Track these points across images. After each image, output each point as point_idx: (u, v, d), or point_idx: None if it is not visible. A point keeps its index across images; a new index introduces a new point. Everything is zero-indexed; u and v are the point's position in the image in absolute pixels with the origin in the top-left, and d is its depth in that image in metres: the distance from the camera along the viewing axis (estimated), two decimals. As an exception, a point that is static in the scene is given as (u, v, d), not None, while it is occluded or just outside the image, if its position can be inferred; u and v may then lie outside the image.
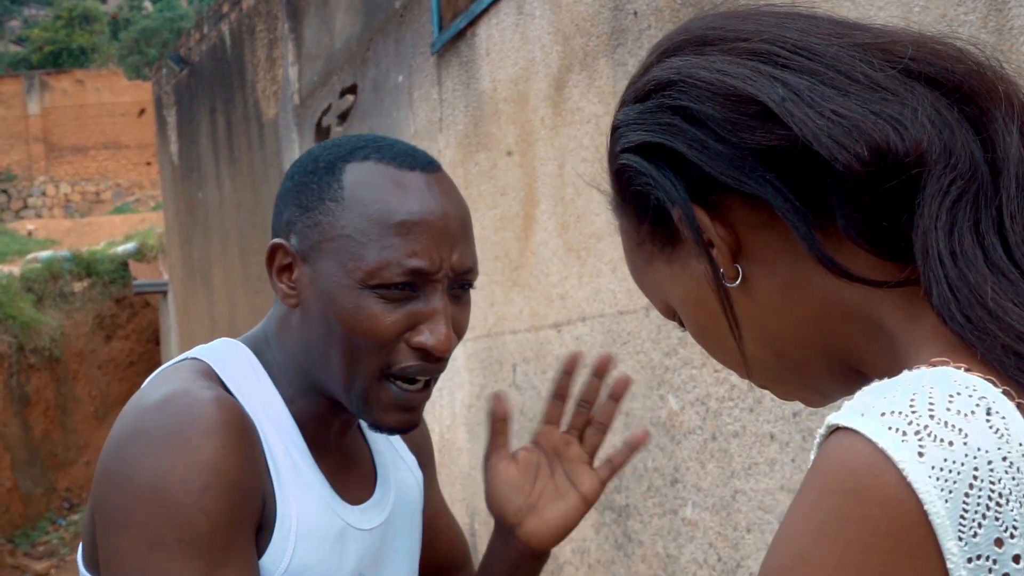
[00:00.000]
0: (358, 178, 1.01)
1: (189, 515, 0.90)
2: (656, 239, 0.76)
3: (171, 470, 0.91)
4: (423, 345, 1.00)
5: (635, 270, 0.81)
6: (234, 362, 1.05)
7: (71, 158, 22.66)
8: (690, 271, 0.75)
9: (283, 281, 1.05)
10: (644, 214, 0.76)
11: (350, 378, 1.02)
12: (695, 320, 0.77)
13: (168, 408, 0.95)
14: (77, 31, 28.39)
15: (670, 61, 0.74)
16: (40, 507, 11.16)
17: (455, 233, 1.02)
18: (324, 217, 1.01)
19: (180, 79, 8.57)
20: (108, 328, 13.73)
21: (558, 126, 3.00)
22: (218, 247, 7.67)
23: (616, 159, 0.77)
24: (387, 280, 0.98)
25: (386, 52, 4.38)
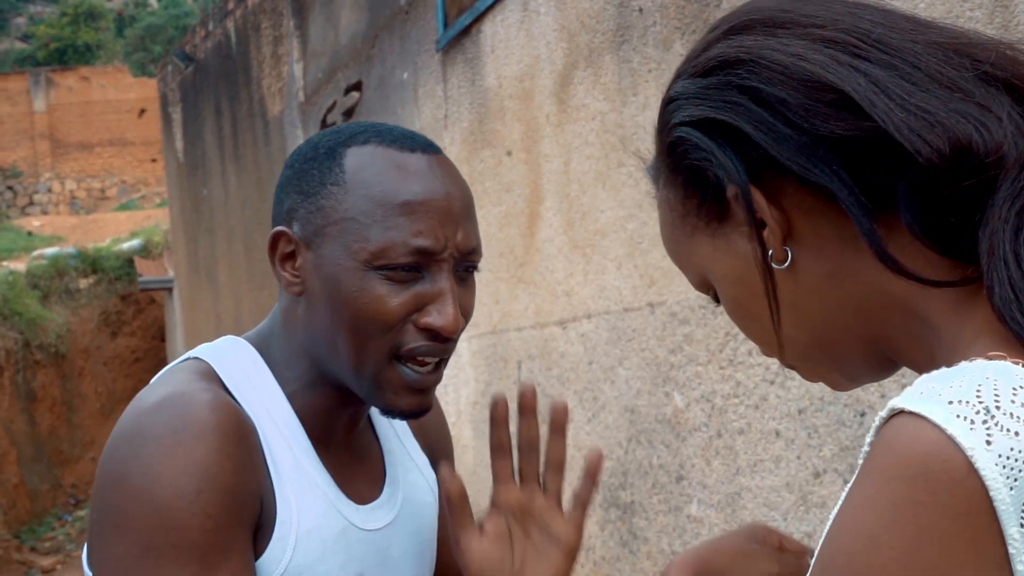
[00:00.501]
0: (359, 161, 1.01)
1: (181, 519, 0.89)
2: (703, 213, 0.76)
3: (163, 473, 0.90)
4: (431, 326, 0.99)
5: (673, 241, 0.80)
6: (236, 361, 1.05)
7: (76, 155, 22.69)
8: (735, 248, 0.75)
9: (286, 269, 1.04)
10: (694, 188, 0.76)
11: (360, 363, 1.00)
12: (734, 297, 0.77)
13: (164, 411, 0.94)
14: (83, 28, 28.42)
15: (738, 39, 0.73)
16: (46, 503, 11.19)
17: (459, 213, 1.01)
18: (326, 201, 1.01)
19: (185, 76, 8.58)
20: (114, 325, 13.75)
21: (563, 123, 3.00)
22: (223, 244, 7.67)
23: (671, 131, 0.77)
24: (393, 260, 0.98)
25: (391, 49, 4.38)
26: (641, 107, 2.61)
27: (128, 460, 0.92)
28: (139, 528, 0.90)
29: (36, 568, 8.91)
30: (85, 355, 13.12)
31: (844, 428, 1.94)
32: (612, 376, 2.80)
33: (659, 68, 2.52)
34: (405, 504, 1.13)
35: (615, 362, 2.78)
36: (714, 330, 2.36)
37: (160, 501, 0.90)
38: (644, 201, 2.62)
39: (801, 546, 0.93)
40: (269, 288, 6.40)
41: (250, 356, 1.06)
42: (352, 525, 1.04)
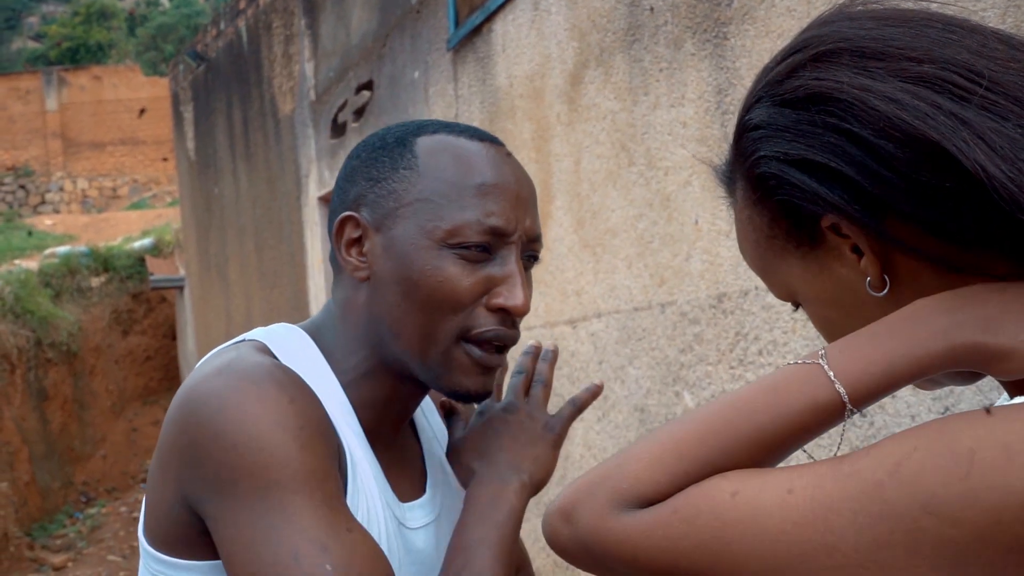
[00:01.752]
0: (431, 148, 1.03)
1: (292, 453, 0.89)
2: (792, 237, 0.77)
3: (261, 415, 0.90)
4: (503, 306, 1.01)
5: (759, 258, 0.81)
6: (292, 345, 1.05)
7: (88, 154, 22.76)
8: (829, 272, 0.76)
9: (352, 255, 1.04)
10: (785, 216, 0.76)
11: (428, 344, 1.01)
12: (825, 317, 0.79)
13: (231, 371, 0.94)
14: (95, 27, 28.50)
15: (828, 70, 0.72)
16: (57, 501, 11.23)
17: (527, 199, 1.04)
18: (399, 184, 1.02)
19: (197, 75, 8.60)
20: (125, 323, 13.79)
21: (574, 122, 3.00)
22: (234, 242, 7.69)
23: (759, 161, 0.76)
24: (467, 239, 0.99)
25: (402, 48, 4.38)
26: (652, 106, 2.60)
27: (215, 416, 0.91)
28: (253, 473, 0.89)
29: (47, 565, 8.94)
30: (96, 353, 13.17)
31: (854, 428, 1.94)
32: (622, 375, 2.80)
33: (670, 67, 2.52)
34: (444, 505, 1.13)
35: (625, 361, 2.78)
36: (724, 330, 2.36)
37: (267, 440, 0.89)
38: (654, 200, 2.62)
39: None
40: (280, 286, 6.41)
41: (304, 342, 1.06)
42: (399, 522, 1.05)
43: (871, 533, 0.64)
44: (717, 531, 0.68)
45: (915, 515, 0.62)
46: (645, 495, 0.71)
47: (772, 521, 0.67)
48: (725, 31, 2.30)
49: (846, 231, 0.73)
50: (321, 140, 5.60)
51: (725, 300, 2.35)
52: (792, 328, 2.14)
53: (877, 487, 0.64)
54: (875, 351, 0.70)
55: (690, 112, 2.45)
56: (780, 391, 0.72)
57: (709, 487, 0.69)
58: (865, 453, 0.67)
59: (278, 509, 0.88)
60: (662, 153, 2.57)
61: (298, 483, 0.89)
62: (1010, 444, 0.62)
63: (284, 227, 6.34)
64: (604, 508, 0.72)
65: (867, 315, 0.75)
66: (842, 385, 0.70)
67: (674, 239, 2.54)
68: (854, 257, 0.74)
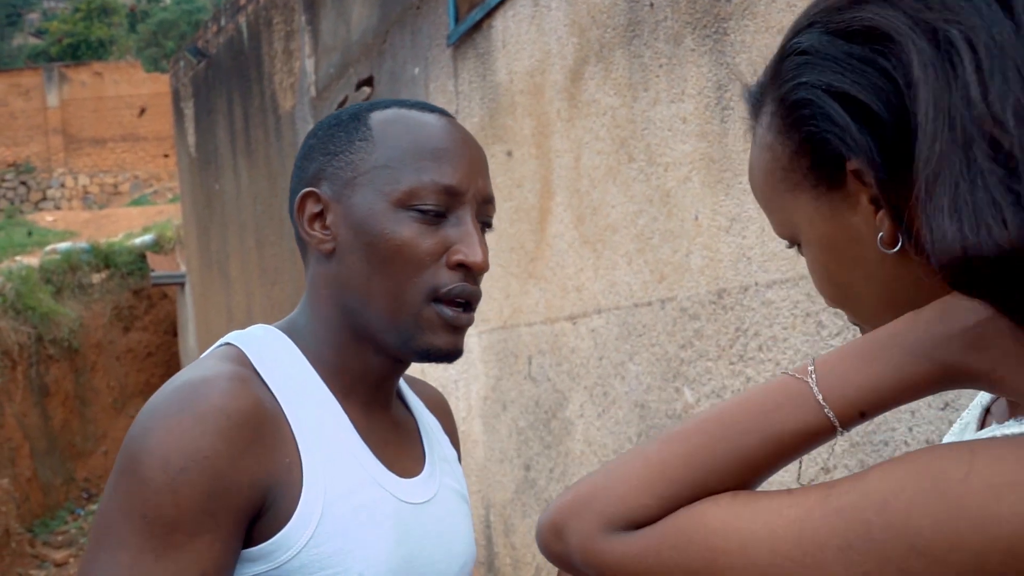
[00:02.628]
0: (384, 120, 1.08)
1: (159, 494, 0.92)
2: (811, 174, 0.74)
3: (156, 447, 0.93)
4: (463, 261, 1.04)
5: (770, 190, 0.79)
6: (266, 344, 1.07)
7: (89, 150, 22.76)
8: (840, 218, 0.74)
9: (315, 229, 1.08)
10: (809, 149, 0.73)
11: (399, 305, 1.04)
12: (824, 262, 0.77)
13: (178, 392, 0.97)
14: (96, 24, 28.49)
15: (892, 9, 0.68)
16: (59, 497, 11.24)
17: (479, 162, 1.08)
18: (355, 156, 1.06)
19: (198, 71, 8.60)
20: (126, 319, 13.80)
21: (574, 118, 3.00)
22: (235, 239, 7.69)
23: (796, 87, 0.74)
24: (423, 200, 1.04)
25: (403, 44, 4.38)
26: (652, 102, 2.60)
27: (138, 435, 0.96)
28: (123, 493, 0.94)
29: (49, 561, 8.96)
30: (98, 349, 13.17)
31: (854, 424, 1.94)
32: (622, 371, 2.80)
33: (670, 63, 2.52)
34: (443, 480, 1.16)
35: (625, 357, 2.78)
36: (724, 325, 2.36)
37: (145, 472, 0.93)
38: (654, 196, 2.62)
39: None
40: (280, 283, 6.41)
41: (280, 339, 1.08)
42: (397, 498, 1.06)
43: (860, 570, 0.63)
44: (708, 561, 0.68)
45: (903, 555, 0.62)
46: (634, 519, 0.71)
47: (761, 553, 0.66)
48: (725, 27, 2.30)
49: (869, 180, 0.70)
50: (322, 136, 5.60)
51: (725, 296, 2.35)
52: (792, 324, 2.14)
53: (865, 525, 0.63)
54: (863, 373, 0.69)
55: (690, 108, 2.45)
56: (768, 412, 0.70)
57: (698, 515, 0.69)
58: (852, 486, 0.66)
59: (114, 536, 0.93)
60: (662, 149, 2.57)
61: (144, 523, 0.92)
62: (996, 485, 0.61)
63: (285, 223, 6.34)
64: (594, 529, 0.72)
65: (868, 271, 0.74)
66: (831, 408, 0.69)
67: (674, 235, 2.54)
68: (871, 208, 0.72)
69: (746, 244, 2.27)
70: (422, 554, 1.07)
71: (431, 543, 1.09)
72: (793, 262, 2.13)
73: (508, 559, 3.58)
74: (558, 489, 3.18)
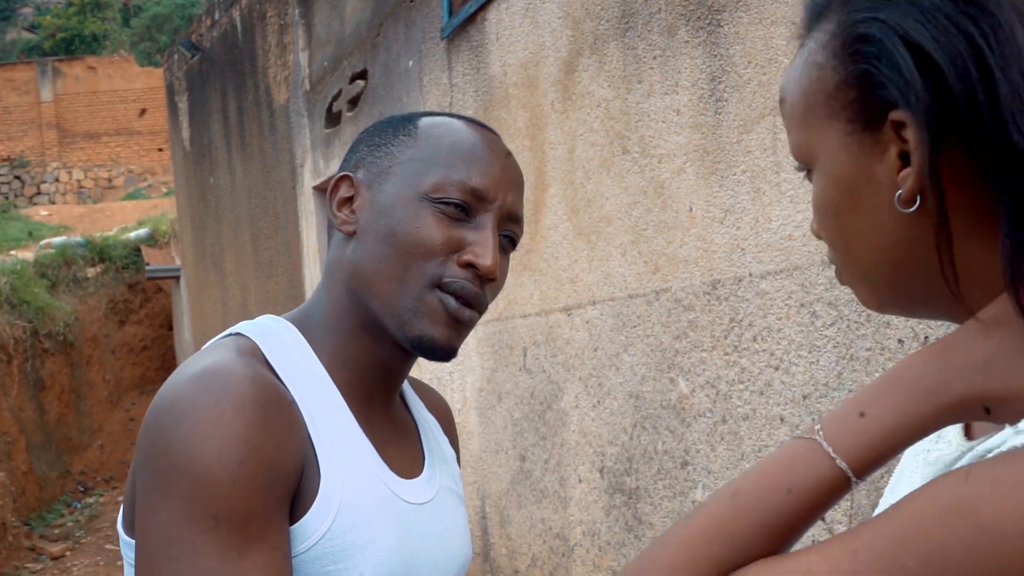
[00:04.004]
0: (431, 123, 1.10)
1: (224, 489, 0.90)
2: (850, 109, 0.73)
3: (207, 443, 0.91)
4: (472, 262, 1.04)
5: (802, 108, 0.76)
6: (277, 336, 1.07)
7: (83, 144, 22.70)
8: (865, 161, 0.72)
9: (343, 211, 1.10)
10: (859, 84, 0.72)
11: (401, 287, 1.04)
12: (833, 199, 0.75)
13: (205, 381, 0.95)
14: (89, 18, 28.40)
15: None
16: (55, 490, 11.24)
17: (513, 179, 1.09)
18: (396, 148, 1.08)
19: (192, 65, 8.58)
20: (121, 313, 13.79)
21: (568, 110, 3.00)
22: (230, 232, 7.68)
23: (870, 23, 0.71)
24: (447, 194, 1.04)
25: (396, 37, 4.38)
26: (646, 94, 2.61)
27: (171, 429, 0.93)
28: (182, 495, 0.90)
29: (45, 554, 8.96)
30: (93, 343, 13.16)
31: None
32: (617, 362, 2.81)
33: (664, 55, 2.52)
34: (443, 481, 1.16)
35: (620, 348, 2.79)
36: (718, 316, 2.37)
37: (203, 471, 0.90)
38: (648, 188, 2.62)
39: None
40: (275, 275, 6.41)
41: (289, 332, 1.08)
42: (399, 498, 1.07)
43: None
44: None
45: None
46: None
47: None
48: (719, 18, 2.31)
49: (908, 137, 0.69)
50: (316, 129, 5.60)
51: (719, 287, 2.36)
52: (786, 314, 2.14)
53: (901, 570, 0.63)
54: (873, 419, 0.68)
55: (684, 99, 2.45)
56: (782, 476, 0.70)
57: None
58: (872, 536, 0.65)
59: (188, 543, 0.90)
60: (656, 141, 2.57)
61: (218, 522, 0.90)
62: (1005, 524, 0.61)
63: (279, 217, 6.34)
64: None
65: (874, 220, 0.73)
66: (843, 460, 0.68)
67: (668, 226, 2.55)
68: (897, 163, 0.71)
69: (740, 235, 2.28)
70: (422, 555, 1.07)
71: (431, 544, 1.09)
72: (787, 253, 2.14)
73: (504, 549, 3.59)
74: (553, 480, 3.19)
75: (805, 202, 2.07)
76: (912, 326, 1.80)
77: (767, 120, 2.17)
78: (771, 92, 2.15)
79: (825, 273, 2.02)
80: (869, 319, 1.90)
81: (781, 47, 2.11)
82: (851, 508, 1.93)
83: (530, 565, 3.40)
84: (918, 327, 1.79)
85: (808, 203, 2.04)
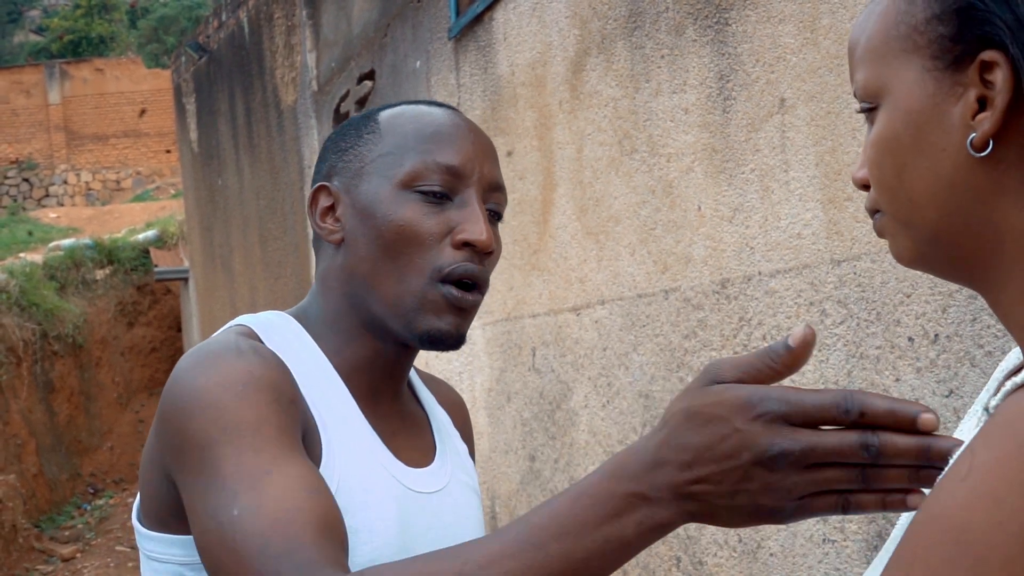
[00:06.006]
0: (391, 115, 1.10)
1: (228, 407, 0.92)
2: (936, 45, 0.72)
3: (210, 379, 0.94)
4: (466, 239, 1.04)
5: (880, 40, 0.75)
6: (279, 327, 1.08)
7: (92, 146, 22.76)
8: (940, 100, 0.71)
9: (327, 222, 1.10)
10: (951, 21, 0.71)
11: (402, 286, 1.04)
12: (898, 133, 0.74)
13: (207, 348, 0.99)
14: (96, 20, 28.47)
15: None
16: (65, 492, 11.27)
17: (485, 149, 1.09)
18: (363, 148, 1.08)
19: (199, 67, 8.60)
20: (130, 315, 13.82)
21: (576, 110, 3.00)
22: (238, 234, 7.70)
23: None
24: (426, 180, 1.05)
25: (404, 37, 4.38)
26: (654, 93, 2.61)
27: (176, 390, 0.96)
28: (196, 435, 0.91)
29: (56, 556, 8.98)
30: (102, 345, 13.20)
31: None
32: (626, 362, 2.81)
33: (672, 54, 2.52)
34: (454, 473, 1.15)
35: (629, 348, 2.79)
36: (728, 315, 2.37)
37: (208, 401, 0.92)
38: (657, 187, 2.62)
39: None
40: (284, 277, 6.42)
41: (290, 323, 1.09)
42: (404, 486, 1.06)
43: None
44: None
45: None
46: None
47: None
48: (727, 17, 2.30)
49: (991, 79, 0.69)
50: (324, 130, 5.61)
51: (728, 286, 2.36)
52: (796, 313, 2.14)
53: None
54: None
55: (692, 98, 2.45)
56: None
57: None
58: None
59: (211, 467, 0.90)
60: (664, 140, 2.57)
61: (228, 435, 0.90)
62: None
63: (288, 217, 6.35)
64: None
65: (938, 163, 0.72)
66: None
67: (677, 226, 2.54)
68: (974, 106, 0.70)
69: (749, 234, 2.28)
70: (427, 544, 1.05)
71: (437, 534, 1.08)
72: (796, 251, 2.14)
73: (514, 550, 3.59)
74: (563, 480, 3.19)
75: (814, 200, 2.07)
76: (922, 324, 1.80)
77: (775, 118, 2.17)
78: (779, 90, 2.14)
79: (834, 271, 2.02)
80: (879, 318, 1.90)
81: (789, 45, 2.10)
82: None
83: (540, 565, 3.40)
84: (928, 325, 1.78)
85: (817, 200, 2.04)
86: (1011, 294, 0.72)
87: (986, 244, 0.72)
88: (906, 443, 0.63)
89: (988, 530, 0.58)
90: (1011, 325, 0.73)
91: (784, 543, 2.14)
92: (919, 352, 1.79)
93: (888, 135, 0.74)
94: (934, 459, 0.64)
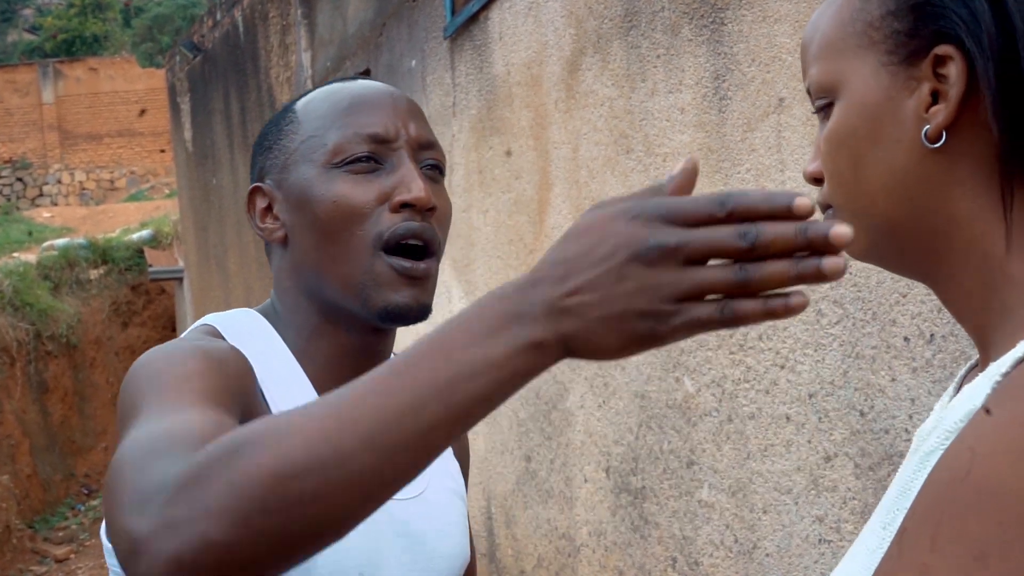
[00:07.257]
0: (306, 101, 1.09)
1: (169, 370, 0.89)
2: (891, 40, 0.73)
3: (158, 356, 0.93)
4: (404, 200, 1.01)
5: (836, 35, 0.76)
6: (244, 325, 1.06)
7: (85, 146, 22.71)
8: (894, 93, 0.73)
9: (267, 222, 1.08)
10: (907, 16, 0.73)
11: (349, 269, 1.02)
12: (854, 127, 0.75)
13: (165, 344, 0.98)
14: (90, 19, 28.41)
15: None
16: (59, 493, 11.25)
17: (406, 109, 1.06)
18: (285, 140, 1.07)
19: (193, 66, 8.58)
20: (124, 315, 13.79)
21: (572, 109, 3.00)
22: (233, 233, 7.69)
23: None
24: (350, 153, 1.02)
25: (399, 37, 4.38)
26: (650, 93, 2.60)
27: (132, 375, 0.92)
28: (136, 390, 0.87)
29: (50, 557, 8.96)
30: (96, 345, 13.17)
31: (854, 412, 1.94)
32: (622, 362, 2.80)
33: (668, 54, 2.52)
34: (432, 482, 1.11)
35: (625, 348, 2.79)
36: (724, 315, 2.36)
37: (153, 369, 0.90)
38: (653, 187, 2.62)
39: None
40: (279, 277, 6.41)
41: (257, 320, 1.08)
42: None
43: None
44: None
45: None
46: None
47: None
48: (722, 16, 2.30)
49: (945, 73, 0.70)
50: (319, 130, 5.60)
51: (724, 286, 2.36)
52: (791, 313, 2.14)
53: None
54: None
55: (688, 98, 2.45)
56: None
57: None
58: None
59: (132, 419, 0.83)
60: (660, 140, 2.57)
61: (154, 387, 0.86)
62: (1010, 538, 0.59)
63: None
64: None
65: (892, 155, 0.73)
66: None
67: (673, 225, 2.54)
68: (928, 100, 0.72)
69: (745, 234, 2.27)
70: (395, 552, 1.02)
71: (406, 542, 1.04)
72: (792, 251, 2.14)
73: (510, 550, 3.59)
74: (559, 480, 3.19)
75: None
76: (918, 324, 1.80)
77: (771, 118, 2.17)
78: (775, 90, 2.14)
79: (831, 271, 2.02)
80: (875, 317, 1.90)
81: (785, 45, 2.10)
82: (859, 506, 1.92)
83: (536, 566, 3.39)
84: (923, 325, 1.78)
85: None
86: (960, 285, 0.73)
87: (939, 235, 0.73)
88: (784, 226, 0.61)
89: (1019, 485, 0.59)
90: (961, 318, 0.75)
91: (780, 543, 2.14)
92: (915, 352, 1.79)
93: (844, 128, 0.75)
94: (813, 240, 0.61)
